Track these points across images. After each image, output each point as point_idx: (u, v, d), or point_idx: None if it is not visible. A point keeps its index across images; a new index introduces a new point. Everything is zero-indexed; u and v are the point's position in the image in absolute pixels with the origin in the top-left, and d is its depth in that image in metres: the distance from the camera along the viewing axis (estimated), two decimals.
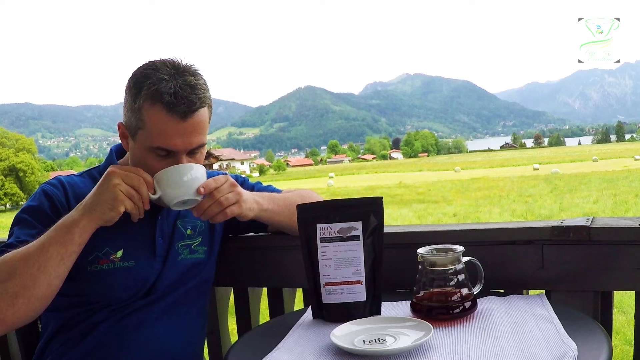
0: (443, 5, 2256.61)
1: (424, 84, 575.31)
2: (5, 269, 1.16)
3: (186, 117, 1.25)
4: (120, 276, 1.33)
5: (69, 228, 1.19)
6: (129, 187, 1.21)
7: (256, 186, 1.60)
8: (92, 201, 1.21)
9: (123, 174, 1.21)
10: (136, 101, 1.26)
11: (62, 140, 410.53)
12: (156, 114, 1.24)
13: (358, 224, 1.26)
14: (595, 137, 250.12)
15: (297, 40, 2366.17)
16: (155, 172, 1.28)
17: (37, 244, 1.19)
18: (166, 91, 1.22)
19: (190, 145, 1.28)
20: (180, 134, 1.25)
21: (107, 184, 1.20)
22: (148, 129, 1.26)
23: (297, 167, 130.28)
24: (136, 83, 1.27)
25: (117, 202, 1.19)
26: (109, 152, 1.49)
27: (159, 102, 1.23)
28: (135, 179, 1.22)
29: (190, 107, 1.24)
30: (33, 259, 1.16)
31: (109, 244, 1.34)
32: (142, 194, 1.22)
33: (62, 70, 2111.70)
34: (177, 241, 1.44)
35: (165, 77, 1.24)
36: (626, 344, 4.54)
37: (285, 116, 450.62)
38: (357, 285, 1.24)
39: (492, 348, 0.98)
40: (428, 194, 26.27)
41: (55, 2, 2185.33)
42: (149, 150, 1.28)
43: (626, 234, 1.33)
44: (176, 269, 1.42)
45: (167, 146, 1.26)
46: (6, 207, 54.16)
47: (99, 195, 1.20)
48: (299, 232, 1.29)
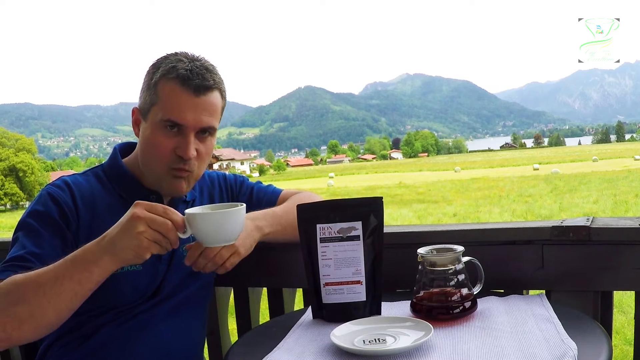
0: (443, 5, 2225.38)
1: (424, 84, 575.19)
2: (16, 293, 1.11)
3: (199, 93, 1.27)
4: (127, 281, 1.32)
5: (87, 265, 1.11)
6: (156, 232, 1.10)
7: (256, 186, 1.60)
8: (116, 241, 1.10)
9: (149, 219, 1.09)
10: (153, 78, 1.30)
11: (62, 140, 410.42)
12: (170, 87, 1.27)
13: (358, 224, 1.26)
14: (595, 137, 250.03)
15: (297, 40, 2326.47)
16: (163, 150, 1.29)
17: (51, 274, 1.12)
18: (182, 67, 1.27)
19: (200, 123, 1.29)
20: (191, 108, 1.27)
21: (131, 230, 1.08)
22: (161, 102, 1.28)
23: (297, 167, 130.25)
24: (155, 65, 1.32)
25: (142, 250, 1.10)
26: (113, 151, 1.46)
27: (174, 76, 1.27)
28: (163, 225, 1.10)
29: (204, 82, 1.27)
30: (44, 290, 1.10)
31: None
32: (170, 239, 1.12)
33: (62, 70, 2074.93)
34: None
35: (183, 59, 1.30)
36: (626, 344, 4.54)
37: (285, 116, 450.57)
38: (357, 285, 1.24)
39: (492, 348, 0.98)
40: (428, 194, 26.28)
41: (55, 2, 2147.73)
42: (159, 126, 1.29)
43: (626, 234, 1.33)
44: (180, 272, 1.41)
45: (177, 119, 1.27)
46: (6, 207, 54.14)
47: (122, 239, 1.10)
48: (299, 232, 1.29)
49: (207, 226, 1.15)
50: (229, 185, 1.59)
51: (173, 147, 1.30)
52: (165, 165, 1.32)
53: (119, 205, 1.35)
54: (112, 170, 1.41)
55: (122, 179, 1.40)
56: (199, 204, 1.48)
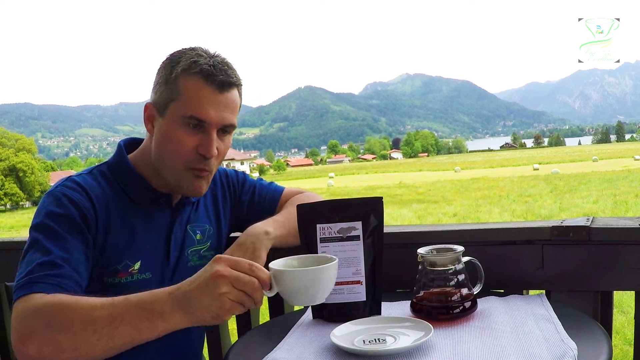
0: (443, 6, 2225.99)
1: (424, 84, 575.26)
2: (62, 319, 1.02)
3: (222, 90, 1.24)
4: (139, 289, 1.24)
5: (152, 316, 1.00)
6: (241, 292, 0.97)
7: (258, 184, 1.58)
8: (192, 299, 0.98)
9: (233, 278, 0.96)
10: (173, 72, 1.24)
11: (62, 140, 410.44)
12: (193, 82, 1.23)
13: (358, 224, 1.26)
14: (595, 137, 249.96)
15: (297, 40, 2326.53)
16: (185, 148, 1.25)
17: (106, 312, 1.01)
18: (204, 62, 1.23)
19: (223, 121, 1.26)
20: (214, 105, 1.24)
21: (213, 290, 0.96)
22: (183, 98, 1.23)
23: (297, 167, 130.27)
24: (172, 59, 1.27)
25: (224, 312, 0.97)
26: (118, 148, 1.38)
27: (196, 72, 1.23)
28: (249, 284, 0.97)
29: (227, 78, 1.24)
30: (96, 327, 1.00)
31: (127, 255, 1.28)
32: (255, 299, 0.98)
33: (62, 70, 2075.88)
34: (187, 247, 1.39)
35: (202, 54, 1.26)
36: (626, 344, 4.54)
37: (285, 116, 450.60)
38: (357, 285, 1.24)
39: (492, 348, 0.98)
40: (428, 194, 26.28)
41: (55, 2, 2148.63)
42: (180, 122, 1.24)
43: (626, 234, 1.33)
44: (183, 276, 1.34)
45: (200, 116, 1.23)
46: (6, 207, 54.14)
47: (201, 298, 0.97)
48: (299, 232, 1.30)
49: (298, 284, 1.02)
50: (231, 184, 1.55)
51: (195, 145, 1.26)
52: (186, 163, 1.27)
53: (129, 207, 1.31)
54: (118, 168, 1.35)
55: (130, 179, 1.34)
56: (202, 205, 1.46)
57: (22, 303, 1.07)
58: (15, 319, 1.06)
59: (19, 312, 1.06)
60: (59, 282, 1.11)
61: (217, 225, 1.48)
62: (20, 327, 1.03)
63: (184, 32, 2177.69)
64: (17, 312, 1.06)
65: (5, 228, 28.00)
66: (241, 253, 1.33)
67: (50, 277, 1.11)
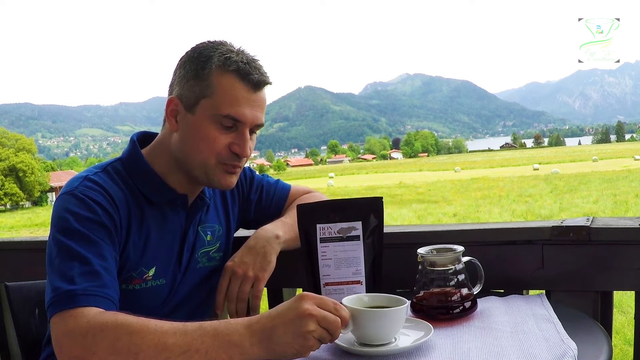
0: (443, 6, 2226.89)
1: (424, 84, 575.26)
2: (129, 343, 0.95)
3: (257, 89, 1.22)
4: (151, 295, 1.25)
5: (230, 348, 0.95)
6: (324, 331, 0.96)
7: (265, 183, 1.56)
8: (275, 335, 0.95)
9: (320, 317, 0.95)
10: (205, 68, 1.20)
11: (62, 140, 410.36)
12: (229, 80, 1.19)
13: (358, 224, 1.26)
14: (595, 137, 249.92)
15: (297, 40, 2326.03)
16: (218, 146, 1.21)
17: (180, 339, 0.95)
18: (239, 60, 1.20)
19: (256, 120, 1.24)
20: (249, 104, 1.21)
21: (301, 328, 0.94)
22: (218, 96, 1.19)
23: (297, 167, 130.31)
24: (202, 53, 1.22)
25: (306, 349, 0.95)
26: (131, 142, 1.31)
27: (232, 69, 1.19)
28: (334, 323, 0.96)
29: (262, 77, 1.22)
30: (169, 355, 0.94)
31: (142, 262, 1.23)
32: (334, 336, 0.97)
33: (62, 70, 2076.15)
34: (198, 249, 1.36)
35: (232, 49, 1.23)
36: (626, 344, 4.54)
37: (285, 116, 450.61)
38: (357, 285, 1.24)
39: (492, 348, 0.98)
40: (428, 194, 26.29)
41: (55, 2, 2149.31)
42: (213, 120, 1.20)
43: (626, 234, 1.33)
44: (193, 279, 1.35)
45: (236, 115, 1.20)
46: (6, 207, 54.15)
47: (286, 334, 0.94)
48: (299, 232, 1.30)
49: (371, 323, 1.01)
50: (239, 184, 1.51)
51: (228, 143, 1.22)
52: (218, 158, 1.23)
53: (145, 209, 1.25)
54: (133, 165, 1.28)
55: (146, 178, 1.27)
56: (212, 205, 1.42)
57: (72, 319, 0.99)
58: (65, 336, 0.98)
59: (70, 329, 0.98)
60: (106, 293, 1.05)
61: (226, 225, 1.45)
62: (75, 347, 0.96)
63: (184, 32, 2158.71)
64: (66, 327, 0.99)
65: (5, 228, 27.99)
66: (252, 257, 1.33)
67: (96, 288, 1.04)
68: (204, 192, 1.35)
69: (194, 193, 1.33)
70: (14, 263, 2.02)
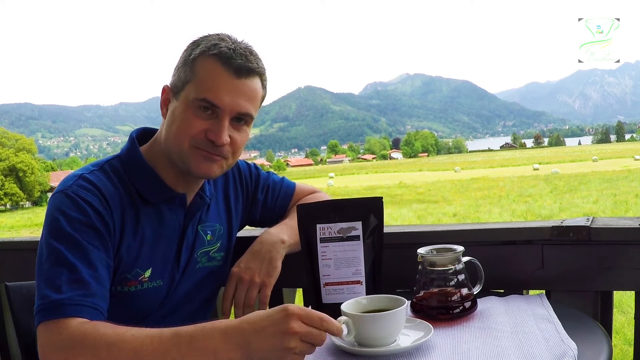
0: (443, 6, 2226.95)
1: (424, 84, 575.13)
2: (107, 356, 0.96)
3: (240, 75, 1.18)
4: (147, 297, 1.23)
5: (206, 355, 0.93)
6: (307, 344, 0.93)
7: (271, 181, 1.54)
8: (254, 344, 0.92)
9: (304, 333, 0.92)
10: (192, 54, 1.20)
11: (62, 140, 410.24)
12: (210, 64, 1.18)
13: (358, 224, 1.26)
14: (595, 137, 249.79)
15: (297, 40, 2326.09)
16: (193, 130, 1.18)
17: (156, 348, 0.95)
18: (225, 46, 1.19)
19: (237, 108, 1.18)
20: (229, 90, 1.17)
21: (281, 345, 0.91)
22: (198, 80, 1.18)
23: (297, 167, 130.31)
24: (195, 42, 1.23)
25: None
26: (129, 139, 1.29)
27: (215, 54, 1.18)
28: (317, 337, 0.93)
29: (246, 63, 1.18)
30: None
31: (138, 263, 1.21)
32: (317, 344, 0.95)
33: (62, 70, 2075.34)
34: (198, 248, 1.33)
35: (226, 38, 1.22)
36: (626, 344, 4.54)
37: (285, 116, 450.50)
38: (357, 285, 1.24)
39: (492, 348, 0.98)
40: (428, 194, 26.29)
41: (55, 2, 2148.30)
42: (191, 105, 1.17)
43: (626, 234, 1.33)
44: (193, 279, 1.32)
45: (213, 99, 1.16)
46: (6, 207, 54.13)
47: (264, 347, 0.92)
48: (299, 232, 1.30)
49: (371, 327, 1.00)
50: (244, 180, 1.49)
51: (205, 129, 1.18)
52: (192, 142, 1.19)
53: (141, 208, 1.23)
54: (130, 163, 1.26)
55: (143, 176, 1.25)
56: (214, 203, 1.39)
57: (56, 330, 0.99)
58: (48, 348, 0.99)
59: (52, 341, 0.99)
60: (93, 303, 1.05)
61: (227, 224, 1.42)
62: (56, 359, 0.98)
63: (184, 32, 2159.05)
64: (49, 339, 1.00)
65: (5, 228, 27.99)
66: (258, 263, 1.33)
67: (83, 297, 1.04)
68: (203, 191, 1.33)
69: (192, 190, 1.31)
70: (14, 263, 2.02)
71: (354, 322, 1.00)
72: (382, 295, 1.09)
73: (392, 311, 1.00)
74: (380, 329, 1.00)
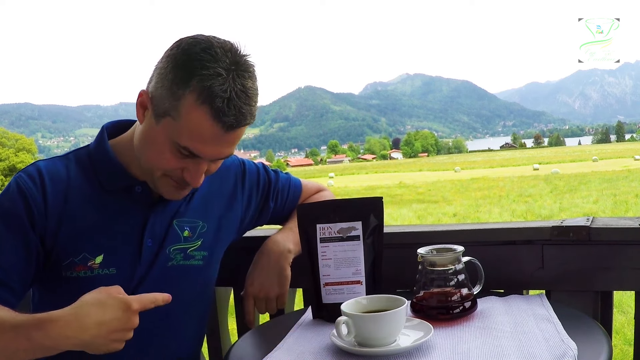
0: (443, 6, 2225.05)
1: (424, 84, 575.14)
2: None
3: (230, 129, 1.10)
4: (101, 284, 1.10)
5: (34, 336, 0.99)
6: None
7: (280, 183, 1.52)
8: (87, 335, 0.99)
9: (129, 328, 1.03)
10: (180, 87, 1.08)
11: (62, 140, 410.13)
12: (199, 116, 1.07)
13: (358, 224, 1.26)
14: (595, 137, 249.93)
15: (297, 40, 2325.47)
16: (168, 166, 1.15)
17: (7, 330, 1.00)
18: (219, 94, 1.06)
19: (219, 155, 1.16)
20: (215, 143, 1.12)
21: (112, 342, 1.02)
22: (182, 125, 1.09)
23: (297, 167, 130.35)
24: (186, 64, 1.08)
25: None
26: (100, 132, 1.28)
27: (207, 105, 1.07)
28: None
29: (239, 120, 1.10)
30: None
31: (87, 247, 1.19)
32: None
33: (62, 70, 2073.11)
34: (169, 244, 1.27)
35: (222, 72, 1.07)
36: (626, 344, 4.54)
37: (285, 116, 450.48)
38: (357, 285, 1.24)
39: (492, 348, 0.98)
40: (428, 194, 26.28)
41: (55, 2, 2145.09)
42: (171, 144, 1.12)
43: (626, 234, 1.33)
44: (163, 277, 1.25)
45: (195, 150, 1.12)
46: None
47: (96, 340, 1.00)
48: (299, 232, 1.30)
49: (371, 327, 1.01)
50: (247, 183, 1.45)
51: (181, 167, 1.16)
52: (164, 173, 1.18)
53: (97, 195, 1.22)
54: (97, 153, 1.26)
55: (106, 165, 1.24)
56: (198, 198, 1.34)
57: None
58: None
59: None
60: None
61: (216, 223, 1.36)
62: None
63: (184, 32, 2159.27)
64: None
65: None
66: (270, 279, 1.39)
67: None
68: None
69: None
70: None
71: (354, 322, 1.01)
72: (382, 295, 1.10)
73: (392, 311, 1.01)
74: (380, 329, 1.01)
